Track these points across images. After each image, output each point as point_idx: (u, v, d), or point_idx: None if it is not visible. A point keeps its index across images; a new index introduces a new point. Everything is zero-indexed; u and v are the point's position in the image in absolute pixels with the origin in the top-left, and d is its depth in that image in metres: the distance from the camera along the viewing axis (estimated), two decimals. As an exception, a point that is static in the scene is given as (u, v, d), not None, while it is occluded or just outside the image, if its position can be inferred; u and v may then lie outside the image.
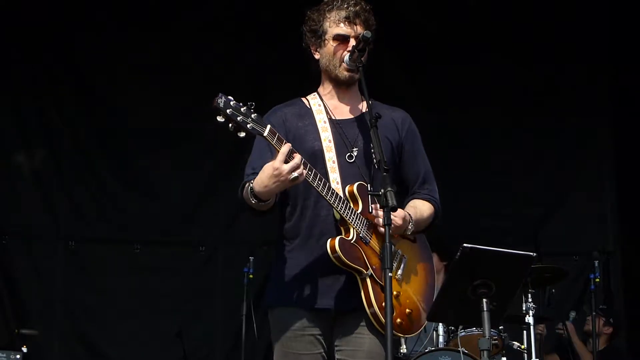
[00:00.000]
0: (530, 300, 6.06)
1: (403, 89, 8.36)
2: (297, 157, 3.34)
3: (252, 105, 3.32)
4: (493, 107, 8.23)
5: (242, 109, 3.28)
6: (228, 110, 3.25)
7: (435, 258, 6.98)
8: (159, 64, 7.92)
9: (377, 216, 3.51)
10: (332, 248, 3.45)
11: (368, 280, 3.50)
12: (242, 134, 3.29)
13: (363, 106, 3.74)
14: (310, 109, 3.72)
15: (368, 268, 3.51)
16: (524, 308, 6.07)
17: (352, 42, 3.64)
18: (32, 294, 7.64)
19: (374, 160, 3.51)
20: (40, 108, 7.93)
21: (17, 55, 7.86)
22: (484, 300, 3.93)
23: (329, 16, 3.66)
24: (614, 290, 7.98)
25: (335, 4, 3.67)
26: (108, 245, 7.80)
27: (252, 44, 7.93)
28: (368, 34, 3.59)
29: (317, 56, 3.73)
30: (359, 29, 3.66)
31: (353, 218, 3.51)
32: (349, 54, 3.65)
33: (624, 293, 8.04)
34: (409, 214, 3.66)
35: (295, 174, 3.32)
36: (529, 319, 6.01)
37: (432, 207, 3.89)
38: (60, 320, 7.65)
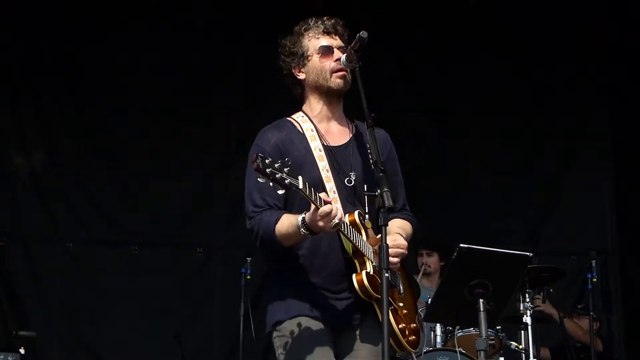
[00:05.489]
0: (527, 300, 6.06)
1: (403, 89, 8.38)
2: (334, 209, 3.36)
3: (288, 161, 3.34)
4: (492, 107, 8.24)
5: (276, 166, 3.29)
6: (268, 170, 3.27)
7: (435, 258, 7.08)
8: (158, 66, 7.92)
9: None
10: (360, 283, 3.52)
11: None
12: (281, 191, 3.32)
13: (350, 129, 3.82)
14: (304, 134, 3.72)
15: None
16: (521, 308, 6.07)
17: (336, 52, 3.71)
18: (30, 295, 7.63)
19: (371, 161, 3.52)
20: (39, 110, 7.92)
21: (16, 56, 7.86)
22: (481, 300, 3.94)
23: (307, 34, 3.78)
24: (611, 290, 7.98)
25: (311, 23, 3.81)
26: (106, 246, 7.79)
27: (252, 44, 7.93)
28: (365, 34, 3.61)
29: (301, 76, 3.80)
30: (338, 40, 3.77)
31: (365, 249, 3.57)
32: (345, 54, 3.67)
33: (622, 293, 8.04)
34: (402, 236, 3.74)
35: (336, 220, 3.36)
36: (527, 319, 6.01)
37: (412, 227, 3.97)
38: (58, 322, 7.63)
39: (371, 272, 3.54)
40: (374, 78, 3.84)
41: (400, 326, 3.62)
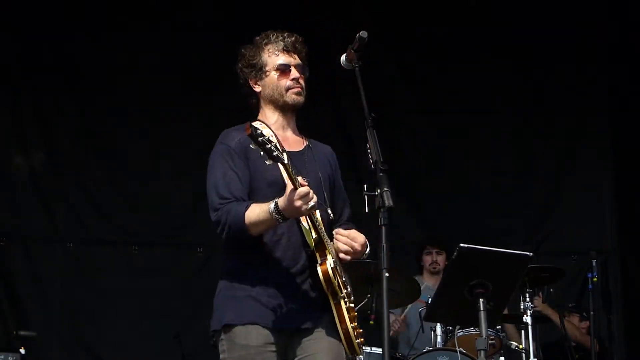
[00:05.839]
0: (527, 299, 6.06)
1: (403, 89, 8.38)
2: (311, 191, 3.45)
3: (272, 134, 3.47)
4: (492, 107, 8.25)
5: (266, 138, 3.38)
6: (260, 139, 3.36)
7: (444, 256, 7.13)
8: (158, 66, 7.91)
9: (338, 240, 3.66)
10: (325, 273, 3.58)
11: (342, 302, 3.64)
12: (269, 162, 3.41)
13: (303, 140, 3.92)
14: None
15: (342, 290, 3.64)
16: (521, 307, 6.07)
17: (293, 71, 3.81)
18: (30, 295, 7.62)
19: (371, 160, 3.54)
20: (39, 110, 7.91)
21: (16, 56, 7.85)
22: (481, 300, 3.95)
23: (267, 49, 3.86)
24: (612, 290, 7.98)
25: (272, 37, 3.86)
26: (106, 246, 7.79)
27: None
28: (364, 34, 3.65)
29: (257, 88, 3.89)
30: (297, 58, 3.84)
31: (327, 241, 3.64)
32: (345, 54, 3.69)
33: (622, 293, 8.04)
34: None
35: (312, 202, 3.44)
36: (527, 319, 6.01)
37: None
38: (58, 322, 7.62)
39: (332, 265, 3.59)
40: (374, 78, 3.85)
41: (352, 325, 3.66)
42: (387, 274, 3.27)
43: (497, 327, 6.02)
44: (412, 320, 6.74)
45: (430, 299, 5.60)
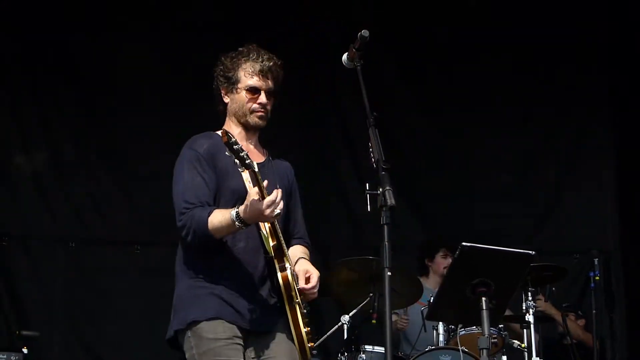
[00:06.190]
0: (530, 298, 6.06)
1: (403, 89, 8.38)
2: (273, 196, 3.54)
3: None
4: (492, 107, 8.25)
5: (240, 146, 3.51)
6: (235, 147, 3.48)
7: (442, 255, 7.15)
8: (159, 65, 7.90)
9: (307, 291, 3.81)
10: (285, 279, 3.73)
11: (297, 307, 3.77)
12: (241, 169, 3.54)
13: (264, 153, 4.04)
14: None
15: (298, 296, 3.78)
16: (523, 307, 6.07)
17: (262, 95, 3.90)
18: (32, 295, 7.60)
19: (373, 159, 3.55)
20: (40, 109, 7.90)
21: (16, 56, 7.85)
22: (483, 298, 3.95)
23: (244, 67, 3.95)
24: (614, 289, 7.99)
25: (251, 56, 3.96)
26: (108, 246, 7.77)
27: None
28: (366, 32, 3.71)
29: (226, 100, 4.00)
30: (269, 83, 3.92)
31: (286, 249, 3.77)
32: (347, 53, 3.72)
33: (624, 291, 8.04)
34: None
35: (277, 210, 3.55)
36: (529, 318, 6.01)
37: (309, 252, 4.13)
38: (60, 322, 7.61)
39: (291, 272, 3.74)
40: (374, 78, 3.86)
41: (305, 330, 3.78)
42: (389, 273, 3.28)
43: (500, 325, 6.02)
44: (415, 320, 6.73)
45: (431, 299, 5.61)
